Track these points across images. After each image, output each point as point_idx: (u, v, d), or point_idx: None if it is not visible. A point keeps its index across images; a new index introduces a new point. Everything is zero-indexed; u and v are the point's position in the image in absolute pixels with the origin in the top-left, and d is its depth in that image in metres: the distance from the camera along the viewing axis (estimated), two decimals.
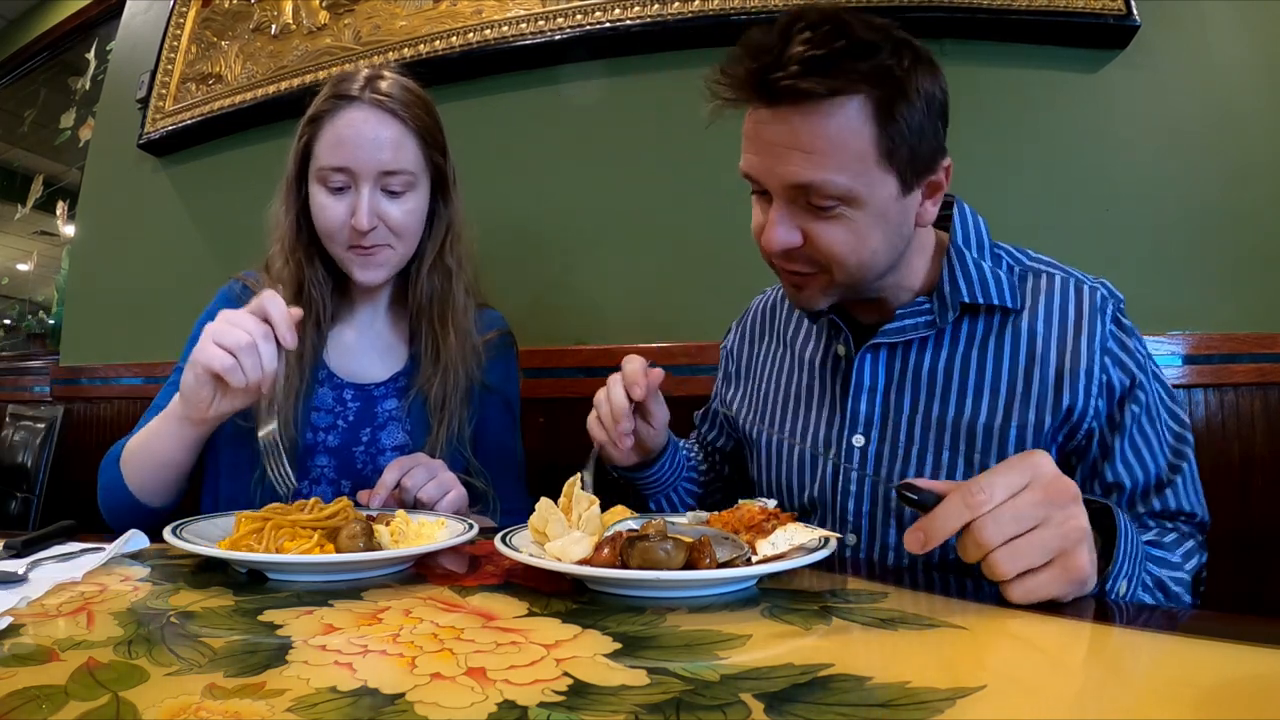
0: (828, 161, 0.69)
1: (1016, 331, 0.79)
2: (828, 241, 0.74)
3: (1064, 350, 0.77)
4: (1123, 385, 0.76)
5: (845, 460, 0.84)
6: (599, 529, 0.64)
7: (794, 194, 0.73)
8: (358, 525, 0.68)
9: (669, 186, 1.47)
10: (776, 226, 0.74)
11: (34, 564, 0.66)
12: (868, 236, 0.74)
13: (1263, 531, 1.18)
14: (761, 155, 0.73)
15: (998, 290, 0.79)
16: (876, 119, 0.69)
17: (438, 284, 1.05)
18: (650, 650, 0.45)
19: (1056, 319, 0.78)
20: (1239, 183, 1.28)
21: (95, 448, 2.00)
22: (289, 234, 1.02)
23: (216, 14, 1.99)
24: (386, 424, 1.04)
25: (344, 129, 0.95)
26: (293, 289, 1.01)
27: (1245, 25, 1.31)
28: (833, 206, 0.72)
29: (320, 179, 0.97)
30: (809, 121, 0.69)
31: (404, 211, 0.98)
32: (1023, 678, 0.43)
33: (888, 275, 0.80)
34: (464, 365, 1.05)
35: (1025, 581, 0.53)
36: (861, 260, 0.75)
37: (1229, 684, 0.40)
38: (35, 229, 3.07)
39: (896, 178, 0.72)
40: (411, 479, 0.87)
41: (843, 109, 0.68)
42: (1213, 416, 1.23)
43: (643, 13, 1.46)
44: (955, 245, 0.82)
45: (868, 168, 0.70)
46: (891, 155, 0.70)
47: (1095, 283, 0.80)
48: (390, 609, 0.54)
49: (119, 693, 0.38)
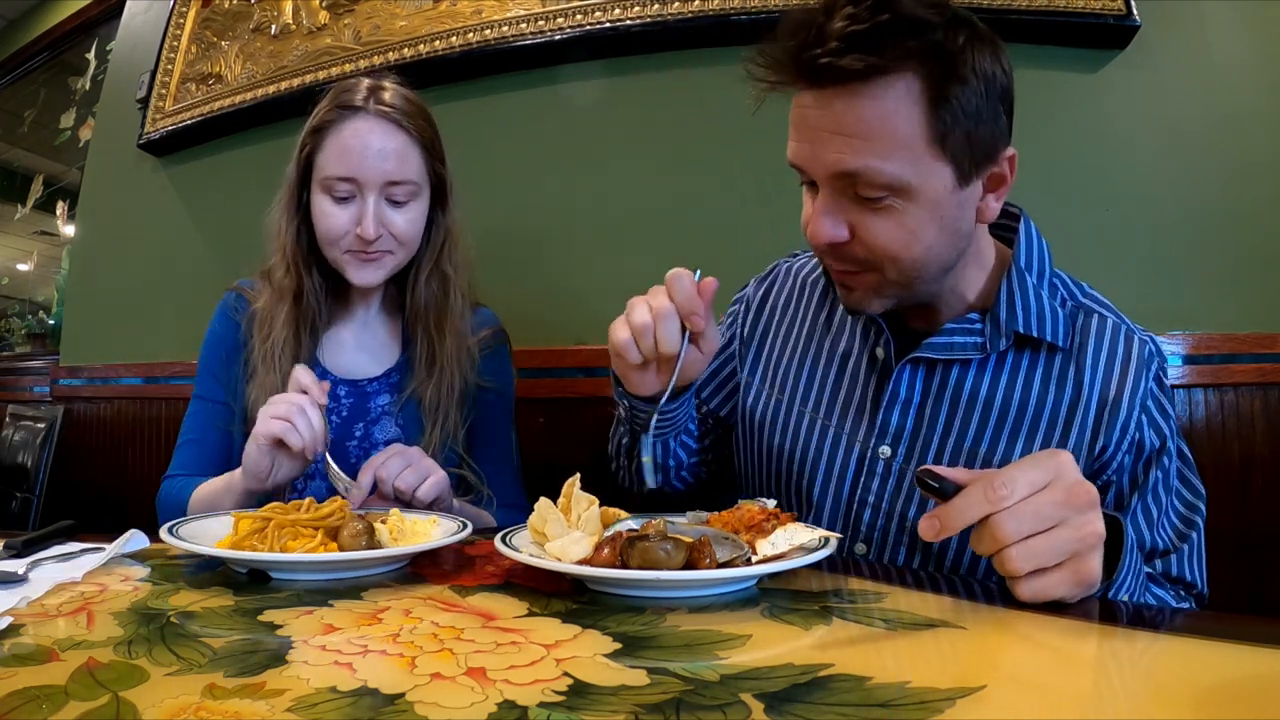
0: (874, 147, 0.65)
1: (1064, 372, 0.76)
2: (877, 236, 0.69)
3: (1106, 399, 0.75)
4: (1152, 446, 0.75)
5: (870, 468, 0.80)
6: (599, 529, 0.64)
7: (840, 183, 0.68)
8: (359, 524, 0.69)
9: (669, 186, 1.47)
10: (822, 219, 0.69)
11: (34, 564, 0.66)
12: (922, 231, 0.68)
13: (1263, 531, 1.18)
14: (805, 142, 0.69)
15: (1054, 326, 0.75)
16: (927, 101, 0.64)
17: (435, 290, 1.07)
18: (650, 650, 0.45)
19: (1103, 365, 0.75)
20: (1239, 183, 1.28)
21: (95, 448, 2.01)
22: (290, 243, 1.03)
23: (216, 14, 1.99)
24: (379, 419, 1.05)
25: (350, 139, 0.97)
26: (290, 298, 1.03)
27: (1245, 25, 1.31)
28: (882, 198, 0.67)
29: (325, 188, 0.99)
30: (853, 104, 0.64)
31: (407, 220, 1.00)
32: (1023, 678, 0.43)
33: (945, 278, 0.75)
34: (459, 368, 1.07)
35: (1035, 580, 0.52)
36: (915, 257, 0.70)
37: (1229, 684, 0.40)
38: (35, 229, 3.07)
39: (951, 166, 0.67)
40: (386, 469, 0.87)
41: (889, 90, 0.64)
42: (1213, 416, 1.23)
43: (643, 13, 1.46)
44: (1018, 266, 0.76)
45: (918, 155, 0.65)
46: (945, 141, 0.65)
47: (1145, 336, 0.78)
48: (390, 609, 0.54)
49: (119, 693, 0.38)
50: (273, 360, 1.00)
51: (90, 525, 0.82)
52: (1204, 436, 1.22)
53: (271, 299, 1.04)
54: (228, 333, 1.07)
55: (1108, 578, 0.57)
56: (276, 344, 1.01)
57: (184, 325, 1.92)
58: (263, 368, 1.01)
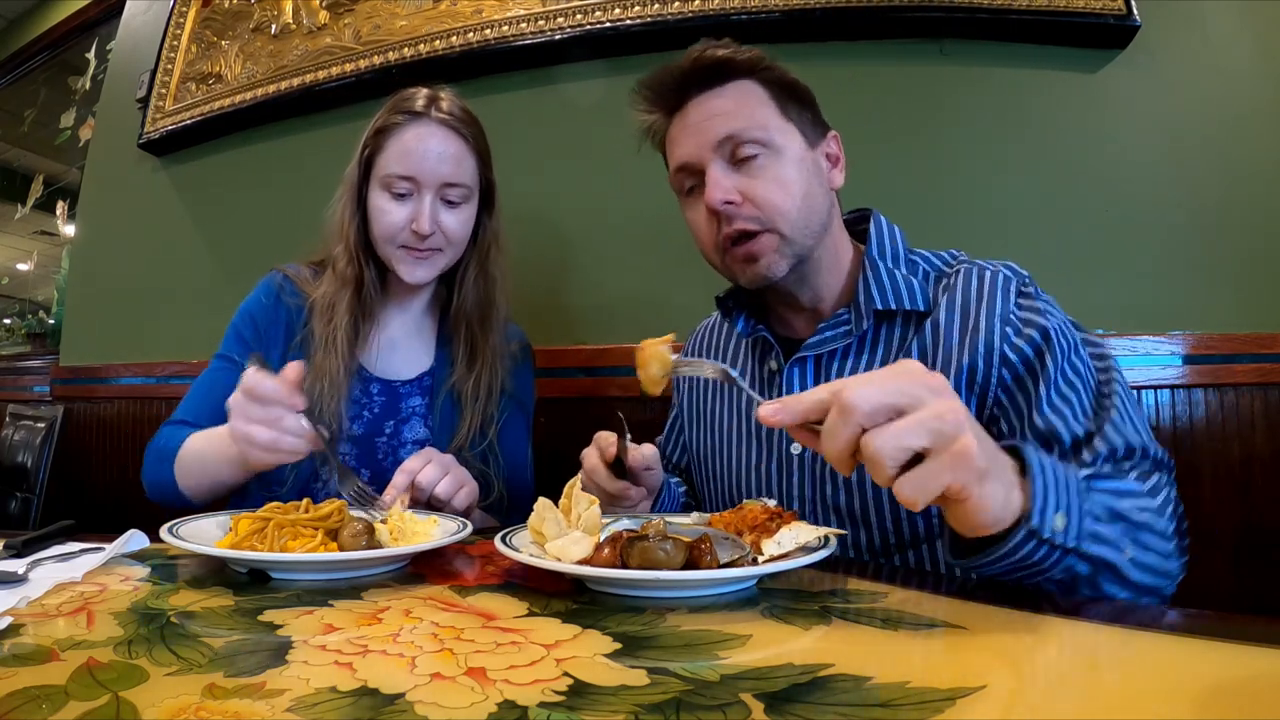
0: (742, 117, 0.84)
1: (926, 332, 0.82)
2: (761, 191, 0.83)
3: (966, 329, 0.80)
4: (1032, 343, 0.76)
5: (785, 467, 0.88)
6: (598, 529, 0.64)
7: (722, 152, 0.84)
8: (359, 524, 0.69)
9: (670, 186, 1.47)
10: (716, 185, 0.83)
11: (34, 564, 0.66)
12: (792, 182, 0.84)
13: (1263, 531, 1.18)
14: (691, 139, 0.86)
15: (910, 296, 0.83)
16: (768, 90, 0.85)
17: (483, 291, 1.14)
18: (650, 650, 0.45)
19: (959, 306, 0.81)
20: (1239, 183, 1.28)
21: (95, 448, 2.01)
22: (354, 236, 1.08)
23: (216, 14, 1.99)
24: (409, 419, 1.10)
25: (411, 141, 1.03)
26: (352, 287, 1.08)
27: (1245, 25, 1.31)
28: (755, 154, 0.83)
29: (385, 185, 1.04)
30: (721, 94, 0.85)
31: (459, 221, 1.07)
32: (1023, 678, 0.43)
33: (822, 245, 0.87)
34: (499, 363, 1.13)
35: (912, 474, 0.50)
36: (796, 205, 0.83)
37: (1229, 684, 0.40)
38: (35, 229, 3.08)
39: (799, 131, 0.86)
40: (425, 477, 0.89)
41: (742, 85, 0.85)
42: (1213, 416, 1.23)
43: (643, 12, 1.46)
44: (870, 256, 0.87)
45: (774, 121, 0.85)
46: (787, 114, 0.86)
47: (1003, 266, 0.83)
48: (390, 609, 0.54)
49: (119, 693, 0.38)
50: (333, 345, 1.04)
51: (90, 525, 0.82)
52: (1204, 436, 1.22)
53: (334, 287, 1.08)
54: (276, 314, 1.10)
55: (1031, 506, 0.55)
56: (338, 329, 1.05)
57: (184, 325, 1.93)
58: (322, 352, 1.04)
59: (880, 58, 1.39)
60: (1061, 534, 0.57)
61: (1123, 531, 0.63)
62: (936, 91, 1.38)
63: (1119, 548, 0.62)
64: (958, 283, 0.83)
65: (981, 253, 0.88)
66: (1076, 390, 0.75)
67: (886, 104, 1.39)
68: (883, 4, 1.35)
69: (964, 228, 1.34)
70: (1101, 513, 0.62)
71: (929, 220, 1.30)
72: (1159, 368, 1.24)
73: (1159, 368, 1.24)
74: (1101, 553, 0.60)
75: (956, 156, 1.36)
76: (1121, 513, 0.64)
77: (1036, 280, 0.82)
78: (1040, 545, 0.56)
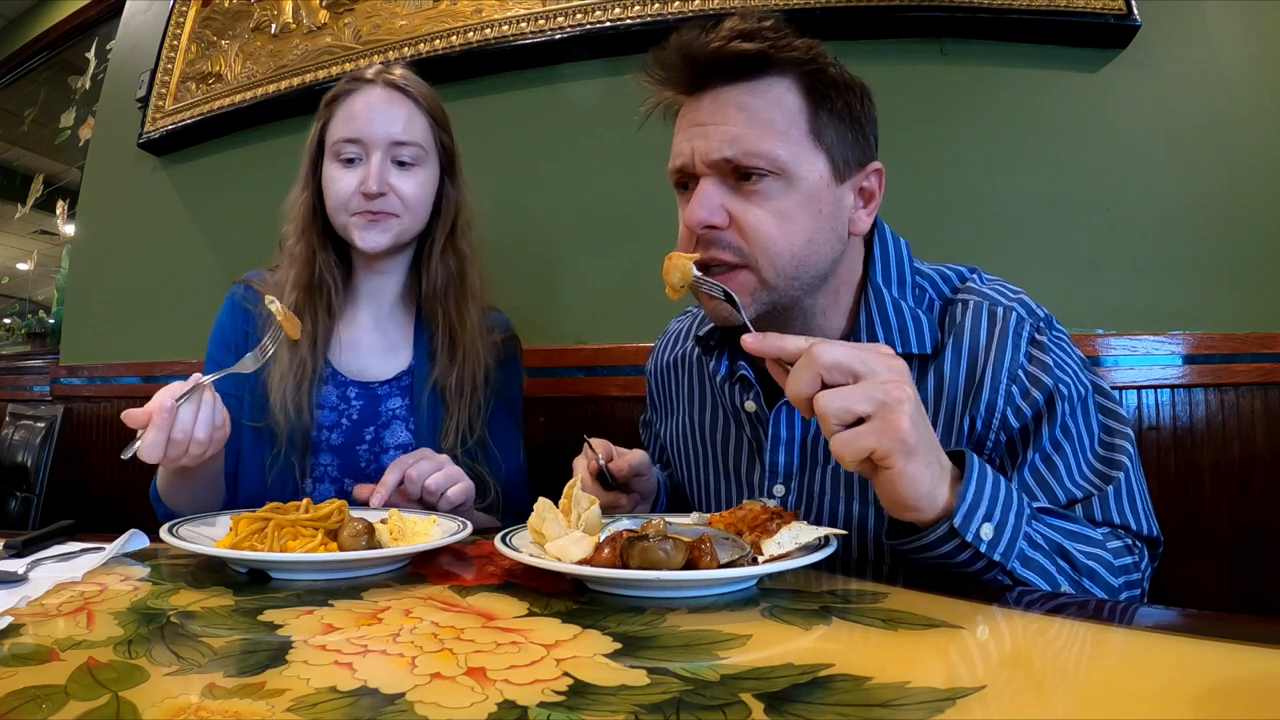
0: (758, 129, 0.69)
1: (930, 377, 0.75)
2: (754, 221, 0.70)
3: (970, 388, 0.72)
4: (1035, 408, 0.71)
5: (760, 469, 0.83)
6: (599, 529, 0.64)
7: (721, 169, 0.70)
8: (359, 524, 0.69)
9: (670, 185, 1.47)
10: (701, 202, 0.70)
11: (34, 564, 0.66)
12: (797, 220, 0.70)
13: (1263, 531, 1.18)
14: (693, 139, 0.71)
15: (918, 338, 0.75)
16: (807, 97, 0.70)
17: (452, 268, 1.08)
18: (650, 650, 0.45)
19: (966, 353, 0.73)
20: (1239, 183, 1.28)
21: (95, 448, 2.01)
22: (304, 212, 1.05)
23: (216, 13, 1.99)
24: (390, 423, 1.05)
25: (358, 105, 1.02)
26: (305, 268, 1.04)
27: (1246, 25, 1.31)
28: (760, 175, 0.69)
29: (334, 152, 1.02)
30: (741, 95, 0.70)
31: (416, 183, 1.03)
32: (1023, 678, 0.43)
33: (817, 294, 0.75)
34: (481, 352, 1.07)
35: (846, 432, 0.55)
36: (793, 249, 0.70)
37: (1229, 684, 0.40)
38: (35, 228, 3.07)
39: (827, 159, 0.71)
40: (417, 470, 0.87)
41: (774, 84, 0.70)
42: (1213, 416, 1.23)
43: (643, 12, 1.46)
44: (874, 283, 0.77)
45: (797, 141, 0.70)
46: (821, 135, 0.70)
47: (1015, 302, 0.74)
48: (390, 609, 0.54)
49: (119, 693, 0.38)
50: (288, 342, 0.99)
51: (90, 525, 0.82)
52: (1204, 436, 1.22)
53: (284, 277, 1.04)
54: (236, 324, 1.07)
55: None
56: None
57: (184, 325, 1.93)
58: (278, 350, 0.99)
59: (880, 57, 1.39)
60: (987, 545, 0.58)
61: (1062, 570, 0.63)
62: (937, 91, 1.38)
63: (1054, 583, 0.62)
64: (965, 322, 0.74)
65: (982, 253, 0.88)
66: (1075, 456, 0.70)
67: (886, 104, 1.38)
68: (883, 4, 1.35)
69: (964, 228, 1.34)
70: (1043, 543, 0.62)
71: (929, 220, 1.30)
72: (1159, 368, 1.24)
73: (1159, 368, 1.24)
74: (1033, 579, 0.61)
75: (957, 156, 1.36)
76: (1067, 551, 0.63)
77: (1036, 280, 0.81)
78: (964, 549, 0.58)
